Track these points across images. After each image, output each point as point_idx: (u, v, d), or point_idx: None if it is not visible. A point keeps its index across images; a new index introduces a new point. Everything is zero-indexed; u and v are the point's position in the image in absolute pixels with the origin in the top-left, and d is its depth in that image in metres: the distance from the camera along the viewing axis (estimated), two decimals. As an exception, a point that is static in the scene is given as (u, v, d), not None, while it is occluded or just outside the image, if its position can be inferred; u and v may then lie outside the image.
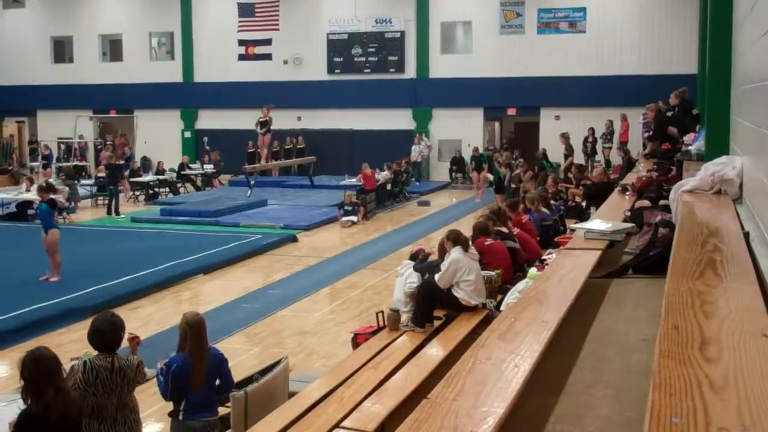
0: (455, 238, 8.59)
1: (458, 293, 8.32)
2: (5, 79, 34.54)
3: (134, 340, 5.60)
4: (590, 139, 26.15)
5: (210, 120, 31.55)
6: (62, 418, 4.60)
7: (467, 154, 28.19)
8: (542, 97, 27.58)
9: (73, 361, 5.41)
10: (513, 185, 17.95)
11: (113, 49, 33.81)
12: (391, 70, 29.93)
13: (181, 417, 5.64)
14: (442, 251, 9.11)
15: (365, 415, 5.86)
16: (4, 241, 18.06)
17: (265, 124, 26.18)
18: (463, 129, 29.12)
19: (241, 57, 31.29)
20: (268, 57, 30.90)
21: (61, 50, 34.52)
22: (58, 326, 11.00)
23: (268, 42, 30.82)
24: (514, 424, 3.32)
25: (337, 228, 19.92)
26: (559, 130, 25.43)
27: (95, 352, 5.81)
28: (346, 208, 20.49)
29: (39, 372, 4.67)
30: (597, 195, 12.98)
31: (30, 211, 21.38)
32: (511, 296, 7.91)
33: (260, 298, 13.01)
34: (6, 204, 21.93)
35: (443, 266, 8.45)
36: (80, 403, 4.82)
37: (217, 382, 5.96)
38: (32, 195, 21.42)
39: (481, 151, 26.47)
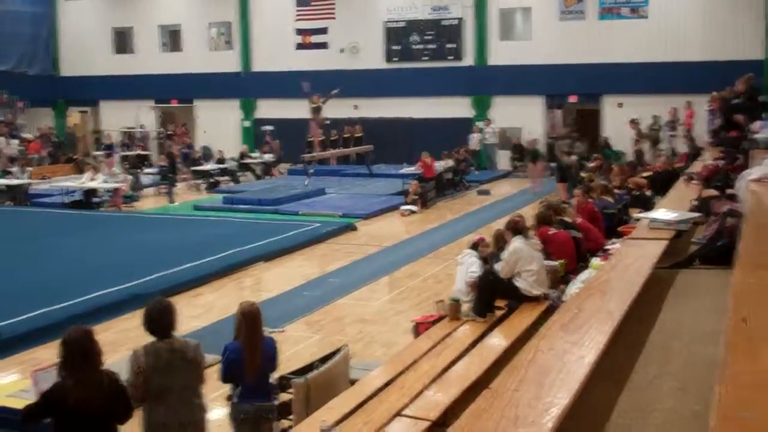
0: (514, 228, 8.52)
1: (519, 283, 8.26)
2: (69, 70, 35.26)
3: None
4: (655, 127, 25.71)
5: (268, 109, 31.74)
6: (78, 404, 4.67)
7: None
8: (604, 84, 27.13)
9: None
10: (579, 174, 17.71)
11: (173, 39, 34.22)
12: (449, 57, 29.74)
13: (235, 400, 5.72)
14: (498, 241, 9.05)
15: (427, 403, 5.87)
16: (69, 228, 18.44)
17: (317, 109, 26.16)
18: (523, 117, 28.82)
19: (299, 46, 31.44)
20: (324, 46, 30.99)
21: (122, 41, 35.06)
22: (122, 312, 11.18)
23: (324, 31, 30.91)
24: (577, 417, 3.28)
25: (396, 217, 19.92)
26: (622, 118, 25.05)
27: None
28: (411, 197, 20.54)
29: (68, 352, 4.81)
30: (662, 184, 12.76)
31: (94, 199, 21.84)
32: (574, 286, 7.84)
33: (320, 286, 13.07)
34: (71, 192, 22.38)
35: (504, 256, 8.39)
36: (101, 399, 4.81)
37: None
38: (96, 183, 21.88)
39: (539, 139, 26.17)
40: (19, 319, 10.52)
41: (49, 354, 9.87)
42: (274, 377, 6.22)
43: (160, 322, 5.30)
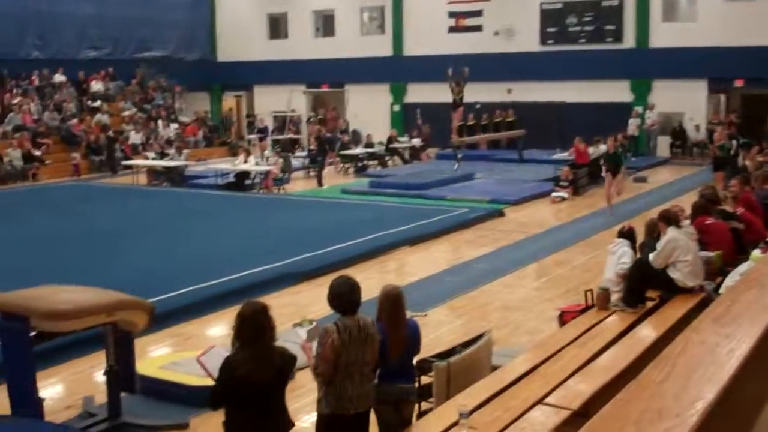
0: (666, 218, 8.15)
1: (674, 274, 7.88)
2: (225, 56, 36.46)
3: None
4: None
5: (418, 93, 31.76)
6: (248, 375, 4.85)
7: (690, 129, 26.84)
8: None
9: (295, 327, 5.65)
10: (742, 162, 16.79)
11: (326, 24, 34.78)
12: (608, 39, 28.84)
13: (377, 382, 5.71)
14: (651, 231, 8.69)
15: (570, 392, 5.71)
16: (222, 208, 19.03)
17: (455, 102, 25.65)
18: (684, 101, 27.61)
19: (451, 29, 31.25)
20: (478, 29, 30.68)
21: (277, 27, 35.92)
22: (272, 290, 11.40)
23: (478, 13, 30.60)
24: (726, 412, 3.11)
25: (546, 203, 19.50)
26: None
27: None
28: (561, 183, 20.08)
29: (243, 326, 4.98)
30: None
31: (246, 181, 22.47)
32: (732, 279, 7.41)
33: (465, 271, 12.91)
34: (225, 174, 23.13)
35: (659, 245, 8.03)
36: (270, 374, 4.96)
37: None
38: (249, 166, 22.50)
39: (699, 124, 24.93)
40: (172, 295, 10.89)
41: (199, 329, 10.25)
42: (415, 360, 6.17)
43: (351, 298, 5.39)
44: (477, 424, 5.27)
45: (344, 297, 5.41)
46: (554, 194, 19.82)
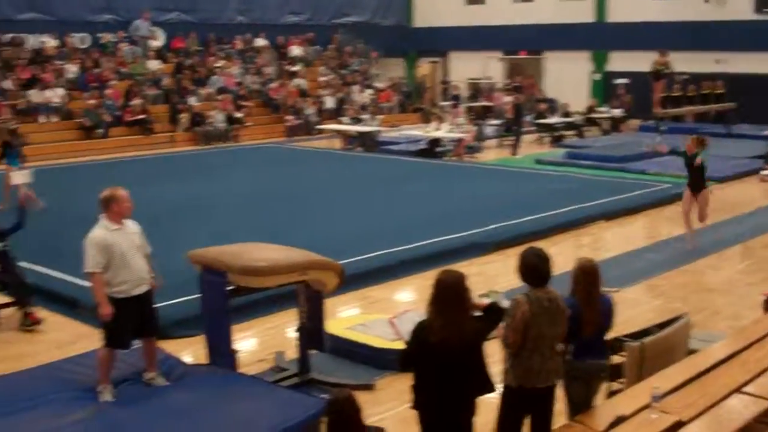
0: None
1: None
2: (421, 21, 36.41)
3: None
4: None
5: (621, 62, 30.49)
6: (441, 343, 4.82)
7: None
8: None
9: (482, 297, 5.54)
10: None
11: (526, -11, 33.97)
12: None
13: (569, 357, 5.58)
14: None
15: (771, 382, 5.40)
16: (413, 175, 19.09)
17: (658, 73, 24.18)
18: None
19: (660, -6, 29.73)
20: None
21: (474, -9, 35.48)
22: (460, 259, 11.29)
23: (688, -21, 28.91)
24: None
25: (754, 182, 18.28)
26: None
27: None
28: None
29: (440, 293, 4.92)
30: None
31: (438, 148, 22.41)
32: None
33: (664, 249, 12.30)
34: (417, 140, 23.15)
35: None
36: (462, 342, 4.91)
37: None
38: (441, 133, 22.42)
39: None
40: (361, 258, 11.03)
41: (386, 293, 10.30)
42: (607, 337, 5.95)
43: (541, 270, 5.27)
44: (670, 408, 5.15)
45: (535, 269, 5.27)
46: (763, 172, 18.57)
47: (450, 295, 4.91)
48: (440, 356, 4.86)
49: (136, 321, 6.54)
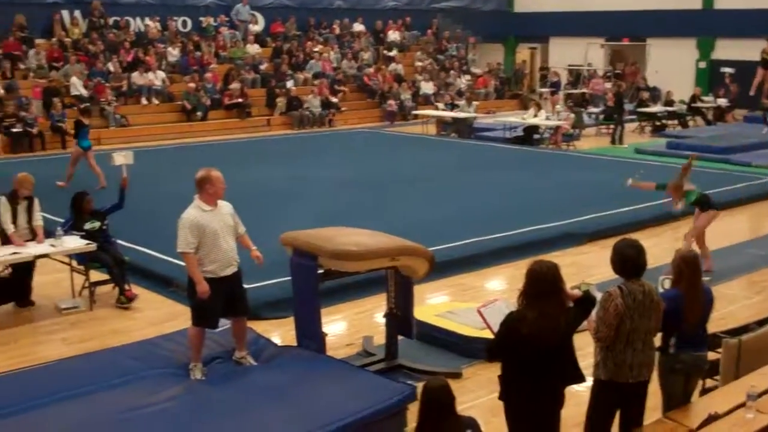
0: None
1: None
2: (522, 6, 35.84)
3: None
4: None
5: (728, 50, 29.42)
6: (532, 335, 4.72)
7: None
8: None
9: (573, 290, 5.40)
10: None
11: (629, -26, 33.07)
12: None
13: (672, 351, 5.43)
14: None
15: None
16: (508, 162, 18.88)
17: (767, 61, 23.18)
18: None
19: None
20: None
21: (576, -23, 34.71)
22: (553, 249, 11.10)
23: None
24: None
25: None
26: None
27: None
28: None
29: (534, 284, 4.84)
30: None
31: (535, 136, 22.07)
32: None
33: (767, 245, 11.86)
34: (513, 128, 22.86)
35: None
36: (555, 334, 4.81)
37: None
38: (539, 120, 22.07)
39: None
40: (453, 245, 10.94)
41: (477, 281, 10.21)
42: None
43: (637, 262, 5.13)
44: (766, 408, 5.00)
45: (630, 260, 5.12)
46: None
47: (544, 286, 4.81)
48: (532, 348, 4.76)
49: (224, 301, 6.62)
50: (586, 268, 10.13)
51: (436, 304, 9.17)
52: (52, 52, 23.84)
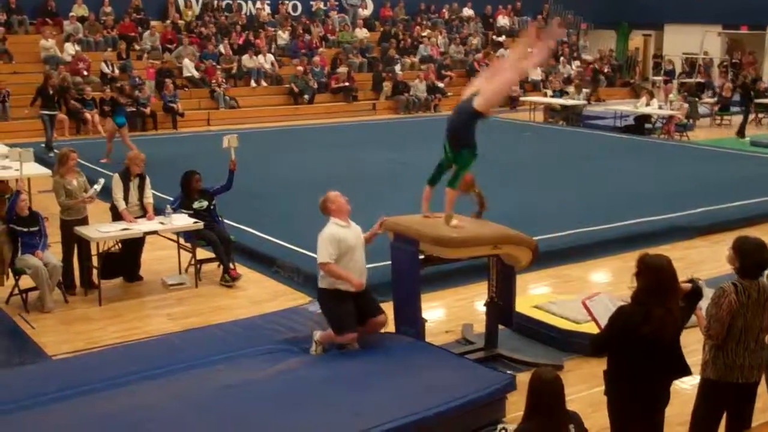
0: None
1: None
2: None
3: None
4: None
5: None
6: (653, 333, 4.52)
7: None
8: None
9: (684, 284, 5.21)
10: None
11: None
12: None
13: None
14: None
15: None
16: (618, 152, 18.45)
17: None
18: None
19: None
20: None
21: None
22: (661, 242, 10.74)
23: None
24: None
25: None
26: None
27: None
28: None
29: (654, 281, 4.59)
30: None
31: (647, 125, 21.49)
32: None
33: None
34: (624, 116, 22.31)
35: None
36: (676, 330, 4.66)
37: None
38: (651, 109, 21.48)
39: None
40: (556, 235, 10.75)
41: (581, 272, 10.02)
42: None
43: (757, 259, 4.93)
44: None
45: (749, 256, 4.91)
46: None
47: (666, 281, 4.60)
48: (650, 345, 4.57)
49: (357, 309, 6.77)
50: (696, 263, 9.80)
51: (537, 294, 9.05)
52: (166, 34, 24.57)
